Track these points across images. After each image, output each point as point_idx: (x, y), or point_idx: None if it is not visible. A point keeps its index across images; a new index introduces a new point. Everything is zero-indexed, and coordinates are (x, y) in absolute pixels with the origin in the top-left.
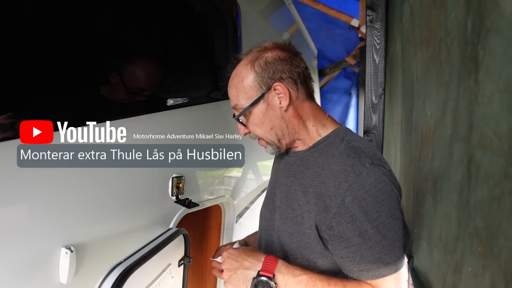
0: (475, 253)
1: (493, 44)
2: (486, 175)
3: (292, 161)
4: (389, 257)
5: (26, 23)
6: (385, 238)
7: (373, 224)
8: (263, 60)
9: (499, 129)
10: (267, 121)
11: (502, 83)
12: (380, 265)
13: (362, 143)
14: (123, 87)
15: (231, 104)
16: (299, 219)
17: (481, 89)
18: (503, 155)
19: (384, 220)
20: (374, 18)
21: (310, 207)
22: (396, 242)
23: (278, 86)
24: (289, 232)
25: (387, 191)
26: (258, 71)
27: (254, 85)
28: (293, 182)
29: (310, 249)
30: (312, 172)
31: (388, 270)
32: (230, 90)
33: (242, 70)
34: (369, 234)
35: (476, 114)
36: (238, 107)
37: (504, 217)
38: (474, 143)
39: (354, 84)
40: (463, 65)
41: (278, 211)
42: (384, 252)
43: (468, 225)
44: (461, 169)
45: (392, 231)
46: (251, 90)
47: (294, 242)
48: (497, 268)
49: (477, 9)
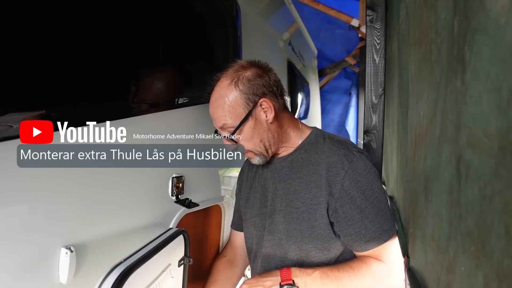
0: (468, 252)
1: (480, 45)
2: (476, 175)
3: (280, 166)
4: (386, 225)
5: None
6: (380, 210)
7: (369, 200)
8: (245, 78)
9: (488, 129)
10: (256, 135)
11: (490, 83)
12: (382, 232)
13: (342, 137)
14: (123, 87)
15: (217, 124)
16: (305, 215)
17: (468, 89)
18: (493, 155)
19: (377, 195)
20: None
21: (318, 199)
22: (388, 212)
23: (264, 102)
24: (299, 229)
25: (373, 172)
26: (243, 90)
27: (241, 103)
28: (291, 183)
29: (322, 239)
30: (308, 170)
31: (388, 235)
32: (215, 111)
33: (226, 91)
34: (368, 209)
35: (464, 114)
36: (226, 126)
37: (495, 217)
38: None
39: (354, 84)
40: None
41: (279, 214)
42: (382, 221)
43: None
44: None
45: (383, 203)
46: (239, 109)
47: (306, 236)
48: (489, 268)
49: (463, 10)
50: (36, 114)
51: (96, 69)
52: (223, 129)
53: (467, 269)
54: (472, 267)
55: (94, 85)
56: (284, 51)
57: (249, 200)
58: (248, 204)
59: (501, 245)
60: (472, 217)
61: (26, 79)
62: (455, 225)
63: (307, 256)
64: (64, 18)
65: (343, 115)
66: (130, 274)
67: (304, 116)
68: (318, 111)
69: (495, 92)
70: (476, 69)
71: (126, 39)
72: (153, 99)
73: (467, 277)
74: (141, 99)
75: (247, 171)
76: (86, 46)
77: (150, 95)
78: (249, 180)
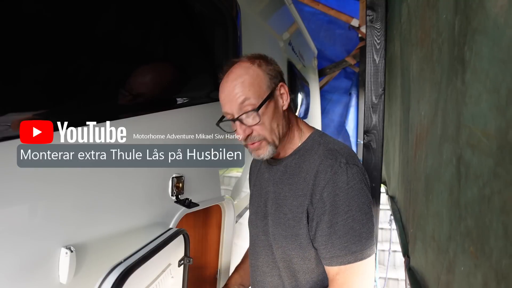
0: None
1: (480, 45)
2: (475, 175)
3: (276, 169)
4: (355, 247)
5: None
6: (353, 230)
7: (343, 217)
8: (265, 61)
9: (487, 129)
10: (275, 119)
11: (489, 83)
12: (348, 253)
13: (338, 145)
14: (122, 87)
15: (234, 104)
16: (291, 222)
17: (468, 89)
18: (491, 155)
19: (354, 214)
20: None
21: (302, 208)
22: (363, 234)
23: (282, 86)
24: (284, 235)
25: (358, 188)
26: (266, 70)
27: (265, 81)
28: (282, 188)
29: (304, 248)
30: (298, 177)
31: (354, 258)
32: (234, 89)
33: (248, 70)
34: (339, 225)
35: (464, 114)
36: (248, 103)
37: (494, 217)
38: (462, 143)
39: (354, 84)
40: (451, 66)
41: (270, 217)
42: (351, 242)
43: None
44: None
45: (359, 224)
46: (263, 86)
47: (289, 243)
48: (488, 268)
49: (463, 10)
50: (36, 114)
51: (96, 69)
52: (243, 107)
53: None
54: (472, 267)
55: (94, 85)
56: (284, 51)
57: (252, 197)
58: (251, 201)
59: (499, 245)
60: (471, 217)
61: (26, 79)
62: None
63: (291, 261)
64: (64, 18)
65: (343, 115)
66: (130, 274)
67: (304, 116)
68: (318, 111)
69: (494, 92)
70: (476, 69)
71: (126, 39)
72: (153, 99)
73: (466, 277)
74: (141, 99)
75: (254, 166)
76: (86, 46)
77: (150, 95)
78: (254, 176)
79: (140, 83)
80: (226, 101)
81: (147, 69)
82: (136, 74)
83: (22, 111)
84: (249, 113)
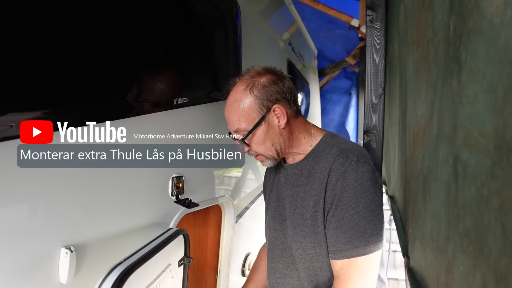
0: (466, 252)
1: (476, 45)
2: (473, 175)
3: (291, 173)
4: (358, 242)
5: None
6: (358, 225)
7: (349, 212)
8: (260, 84)
9: (484, 129)
10: (268, 139)
11: (486, 83)
12: (351, 247)
13: (349, 144)
14: (123, 87)
15: (232, 128)
16: (308, 221)
17: (464, 89)
18: (489, 155)
19: (360, 210)
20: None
21: (318, 206)
22: (367, 231)
23: (277, 108)
24: (302, 235)
25: (367, 186)
26: (258, 95)
27: (255, 109)
28: (298, 191)
29: (323, 245)
30: (313, 178)
31: (356, 252)
32: (230, 115)
33: (241, 96)
34: (345, 221)
35: (461, 114)
36: (240, 130)
37: (492, 217)
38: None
39: (354, 84)
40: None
41: (288, 220)
42: (355, 237)
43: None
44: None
45: (365, 221)
46: (253, 113)
47: (309, 243)
48: (487, 268)
49: (459, 10)
50: (36, 114)
51: (96, 69)
52: (237, 133)
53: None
54: (470, 267)
55: (94, 85)
56: (284, 51)
57: (270, 202)
58: (268, 206)
59: (498, 244)
60: (469, 217)
61: (26, 79)
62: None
63: (311, 260)
64: (64, 19)
65: (343, 115)
66: (130, 274)
67: (304, 116)
68: (318, 111)
69: (491, 92)
70: (472, 69)
71: (126, 40)
72: (153, 99)
73: (465, 277)
74: (141, 99)
75: (269, 174)
76: (86, 46)
77: (150, 95)
78: (270, 183)
79: (140, 83)
80: (227, 122)
81: (148, 69)
82: (136, 75)
83: (22, 111)
84: (243, 135)
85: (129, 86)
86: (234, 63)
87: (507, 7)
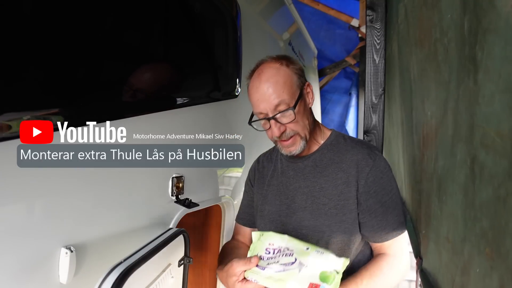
0: (483, 254)
1: (491, 44)
2: (490, 175)
3: (303, 166)
4: (402, 217)
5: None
6: (397, 204)
7: (389, 195)
8: (291, 62)
9: (501, 129)
10: (305, 116)
11: (502, 83)
12: (400, 224)
13: (360, 139)
14: (123, 87)
15: (273, 102)
16: (333, 210)
17: (481, 89)
18: (506, 155)
19: (395, 191)
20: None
21: (346, 195)
22: (401, 206)
23: (308, 85)
24: (327, 224)
25: (391, 170)
26: (294, 70)
27: (295, 81)
28: (316, 181)
29: (349, 232)
30: (333, 168)
31: (404, 226)
32: (270, 88)
33: (279, 70)
34: (388, 203)
35: (477, 115)
36: (283, 103)
37: (510, 218)
38: (476, 144)
39: (354, 84)
40: (462, 66)
41: (304, 211)
42: (398, 214)
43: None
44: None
45: (398, 198)
46: (294, 86)
47: (333, 231)
48: (505, 269)
49: (473, 10)
50: (36, 114)
51: (96, 69)
52: (278, 107)
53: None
54: (487, 268)
55: (94, 85)
56: (284, 51)
57: (267, 197)
58: (266, 201)
59: None
60: (486, 218)
61: (26, 79)
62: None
63: (332, 249)
64: (64, 18)
65: (343, 115)
66: (130, 274)
67: None
68: (318, 111)
69: (507, 91)
70: (488, 69)
71: (126, 40)
72: (153, 99)
73: (482, 279)
74: (141, 99)
75: (262, 169)
76: (86, 46)
77: (150, 95)
78: (265, 178)
79: (140, 83)
80: (261, 101)
81: (147, 69)
82: (136, 74)
83: (22, 111)
84: (285, 112)
85: (129, 86)
86: (234, 63)
87: None
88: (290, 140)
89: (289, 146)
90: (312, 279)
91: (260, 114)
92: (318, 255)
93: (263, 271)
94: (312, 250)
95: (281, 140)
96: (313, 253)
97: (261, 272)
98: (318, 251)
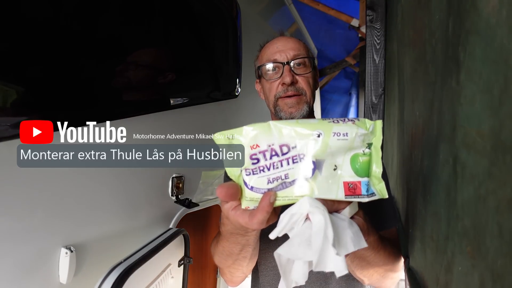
0: (465, 252)
1: (473, 45)
2: (471, 174)
3: None
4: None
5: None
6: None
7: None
8: None
9: (481, 129)
10: (314, 87)
11: (483, 84)
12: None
13: None
14: (123, 87)
15: (291, 52)
16: None
17: (463, 90)
18: (486, 155)
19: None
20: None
21: None
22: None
23: (316, 69)
24: None
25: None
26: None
27: (310, 51)
28: None
29: None
30: None
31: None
32: (291, 42)
33: (297, 40)
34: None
35: (460, 115)
36: (300, 56)
37: (489, 217)
38: (458, 143)
39: (354, 84)
40: (446, 66)
41: None
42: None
43: (457, 224)
44: (447, 169)
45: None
46: (309, 52)
47: None
48: (484, 268)
49: (456, 11)
50: (36, 114)
51: (96, 69)
52: (296, 56)
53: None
54: (469, 267)
55: (94, 85)
56: None
57: None
58: None
59: (495, 244)
60: (468, 217)
61: (26, 79)
62: (452, 225)
63: None
64: (63, 18)
65: (343, 115)
66: (130, 274)
67: None
68: (318, 111)
69: (487, 92)
70: (470, 70)
71: (125, 40)
72: (153, 99)
73: (464, 277)
74: (141, 99)
75: None
76: (86, 46)
77: (150, 95)
78: None
79: (140, 83)
80: (278, 51)
81: (148, 69)
82: (136, 74)
83: (22, 111)
84: (303, 59)
85: (129, 86)
86: (234, 63)
87: (503, 7)
88: (296, 97)
89: (292, 105)
90: (345, 177)
91: (274, 62)
92: (336, 127)
93: (256, 191)
94: (325, 128)
95: (286, 96)
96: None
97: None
98: (333, 121)
